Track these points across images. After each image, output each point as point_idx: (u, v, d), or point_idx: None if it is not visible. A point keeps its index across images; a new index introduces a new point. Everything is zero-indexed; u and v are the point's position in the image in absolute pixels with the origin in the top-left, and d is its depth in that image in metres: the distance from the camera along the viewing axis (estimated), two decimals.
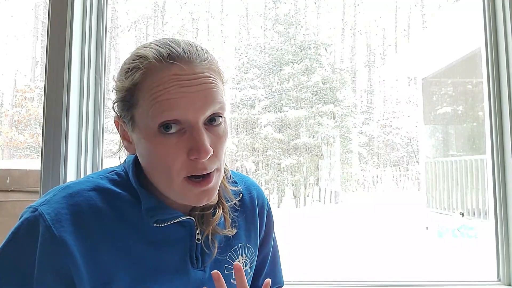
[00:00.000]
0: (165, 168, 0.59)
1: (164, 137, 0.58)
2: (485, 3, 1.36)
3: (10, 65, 8.83)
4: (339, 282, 1.36)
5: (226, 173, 0.74)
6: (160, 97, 0.57)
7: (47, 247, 0.55)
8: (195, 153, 0.57)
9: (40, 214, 0.57)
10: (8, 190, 1.88)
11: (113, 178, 0.66)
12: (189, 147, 0.58)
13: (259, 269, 0.81)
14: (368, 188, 9.54)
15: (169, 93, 0.57)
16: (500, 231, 1.31)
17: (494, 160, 1.33)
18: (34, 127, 8.19)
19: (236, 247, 0.72)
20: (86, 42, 1.29)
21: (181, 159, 0.58)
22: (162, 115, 0.57)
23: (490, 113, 1.34)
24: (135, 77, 0.60)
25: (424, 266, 3.64)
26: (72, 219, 0.58)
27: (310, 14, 10.00)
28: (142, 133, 0.60)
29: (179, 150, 0.58)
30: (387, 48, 10.49)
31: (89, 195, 0.61)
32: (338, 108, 8.80)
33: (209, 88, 0.59)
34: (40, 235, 0.56)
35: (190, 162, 0.58)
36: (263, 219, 0.80)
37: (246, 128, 8.86)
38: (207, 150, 0.57)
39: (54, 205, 0.59)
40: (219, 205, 0.70)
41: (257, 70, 9.32)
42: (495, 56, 1.33)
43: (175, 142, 0.58)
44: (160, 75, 0.58)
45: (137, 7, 10.07)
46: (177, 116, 0.57)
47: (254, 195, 0.79)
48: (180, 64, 0.59)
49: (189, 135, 0.58)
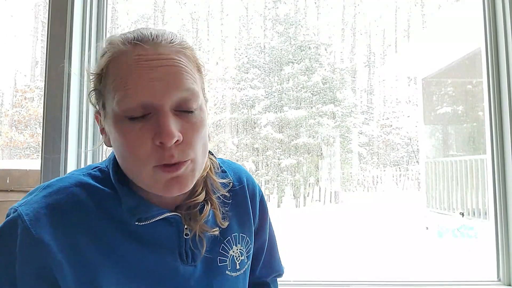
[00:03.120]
0: (132, 156, 0.56)
1: (130, 124, 0.55)
2: (485, 3, 1.36)
3: (10, 65, 8.82)
4: (339, 282, 1.36)
5: (214, 164, 0.72)
6: (123, 82, 0.54)
7: (26, 248, 0.54)
8: (159, 137, 0.53)
9: (19, 215, 0.55)
10: (8, 190, 1.88)
11: (95, 175, 0.63)
12: (154, 132, 0.54)
13: (256, 257, 0.80)
14: (368, 188, 9.53)
15: (131, 76, 0.54)
16: (500, 231, 1.31)
17: (494, 160, 1.33)
18: (34, 127, 8.18)
19: (229, 238, 0.70)
20: (86, 42, 1.29)
21: (147, 146, 0.55)
22: (124, 100, 0.54)
23: (490, 113, 1.34)
24: (102, 62, 0.58)
25: (424, 266, 3.64)
26: (52, 219, 0.56)
27: (310, 14, 10.00)
28: (111, 122, 0.57)
29: (144, 136, 0.54)
30: (387, 48, 10.48)
31: (70, 192, 0.59)
32: (338, 108, 8.80)
33: (176, 71, 0.56)
34: (18, 236, 0.54)
35: (157, 149, 0.55)
36: (256, 207, 0.77)
37: (246, 128, 8.85)
38: (171, 134, 0.53)
39: (33, 205, 0.56)
40: (207, 201, 0.67)
41: (257, 70, 9.32)
42: (495, 56, 1.33)
43: (139, 128, 0.55)
44: (123, 59, 0.56)
45: (137, 7, 10.06)
46: (140, 100, 0.54)
47: (245, 183, 0.76)
48: (143, 45, 0.56)
49: (155, 120, 0.55)
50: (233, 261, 0.70)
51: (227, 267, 0.69)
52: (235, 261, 0.70)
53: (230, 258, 0.69)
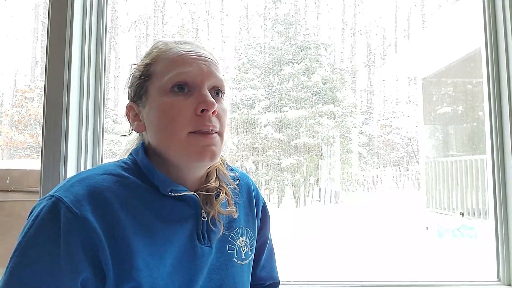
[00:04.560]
0: (171, 123, 0.65)
1: (175, 96, 0.66)
2: (485, 3, 1.36)
3: (10, 65, 8.82)
4: (339, 282, 1.36)
5: (223, 161, 0.80)
6: (175, 64, 0.68)
7: (71, 224, 0.57)
8: (203, 105, 0.65)
9: (58, 198, 0.58)
10: (8, 190, 1.88)
11: (120, 165, 0.70)
12: (196, 103, 0.66)
13: (258, 256, 0.85)
14: (368, 188, 9.53)
15: (182, 61, 0.68)
16: (500, 231, 1.31)
17: (494, 160, 1.33)
18: (34, 127, 8.18)
19: (237, 229, 0.77)
20: (86, 42, 1.29)
21: (188, 114, 0.65)
22: (175, 76, 0.66)
23: (490, 113, 1.34)
24: (153, 54, 0.71)
25: (424, 266, 3.64)
26: (90, 199, 0.60)
27: (310, 14, 10.00)
28: (154, 99, 0.68)
29: (186, 106, 0.66)
30: (387, 48, 10.48)
31: (101, 178, 0.64)
32: (338, 108, 8.80)
33: (213, 65, 0.71)
34: (62, 216, 0.57)
35: (196, 117, 0.65)
36: (258, 210, 0.84)
37: (246, 128, 8.85)
38: (213, 103, 0.65)
39: (70, 189, 0.61)
40: (221, 189, 0.74)
41: (257, 70, 9.31)
42: (495, 56, 1.33)
43: (183, 99, 0.66)
44: (174, 50, 0.70)
45: (137, 7, 10.06)
46: (187, 77, 0.67)
47: (251, 185, 0.85)
48: (187, 45, 0.72)
49: (196, 95, 0.67)
50: (239, 251, 0.76)
51: (235, 254, 0.75)
52: (241, 250, 0.76)
53: (237, 247, 0.76)
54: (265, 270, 0.87)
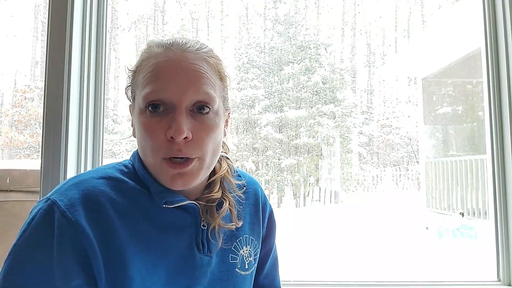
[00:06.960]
0: (148, 146, 0.62)
1: (150, 116, 0.62)
2: (485, 3, 1.36)
3: (10, 65, 8.82)
4: (339, 282, 1.36)
5: (231, 168, 0.77)
6: (151, 77, 0.62)
7: (64, 229, 0.56)
8: (170, 131, 0.60)
9: (53, 201, 0.58)
10: (8, 190, 1.88)
11: (120, 169, 0.68)
12: (168, 126, 0.60)
13: (262, 264, 0.83)
14: (368, 188, 9.53)
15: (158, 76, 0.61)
16: (500, 231, 1.31)
17: (494, 160, 1.33)
18: (34, 127, 8.18)
19: (241, 238, 0.74)
20: (86, 42, 1.28)
21: (160, 138, 0.61)
22: (149, 95, 0.61)
23: (490, 113, 1.34)
24: (138, 60, 0.67)
25: (424, 266, 3.64)
26: (85, 204, 0.59)
27: (310, 14, 10.01)
28: (136, 113, 0.64)
29: (159, 128, 0.61)
30: (387, 48, 10.48)
31: (98, 182, 0.62)
32: (338, 108, 8.80)
33: (197, 76, 0.63)
34: (56, 220, 0.56)
35: (168, 143, 0.60)
36: (265, 217, 0.82)
37: (246, 128, 8.85)
38: (181, 130, 0.59)
39: (65, 192, 0.59)
40: (224, 199, 0.71)
41: (257, 70, 9.31)
42: (495, 56, 1.33)
43: (157, 121, 0.61)
44: (155, 59, 0.63)
45: (137, 7, 10.07)
46: (161, 97, 0.61)
47: (259, 192, 0.82)
48: (174, 50, 0.64)
49: (171, 117, 0.61)
50: (242, 261, 0.73)
51: (237, 264, 0.72)
52: (244, 260, 0.74)
53: (241, 257, 0.73)
54: (268, 279, 0.85)
